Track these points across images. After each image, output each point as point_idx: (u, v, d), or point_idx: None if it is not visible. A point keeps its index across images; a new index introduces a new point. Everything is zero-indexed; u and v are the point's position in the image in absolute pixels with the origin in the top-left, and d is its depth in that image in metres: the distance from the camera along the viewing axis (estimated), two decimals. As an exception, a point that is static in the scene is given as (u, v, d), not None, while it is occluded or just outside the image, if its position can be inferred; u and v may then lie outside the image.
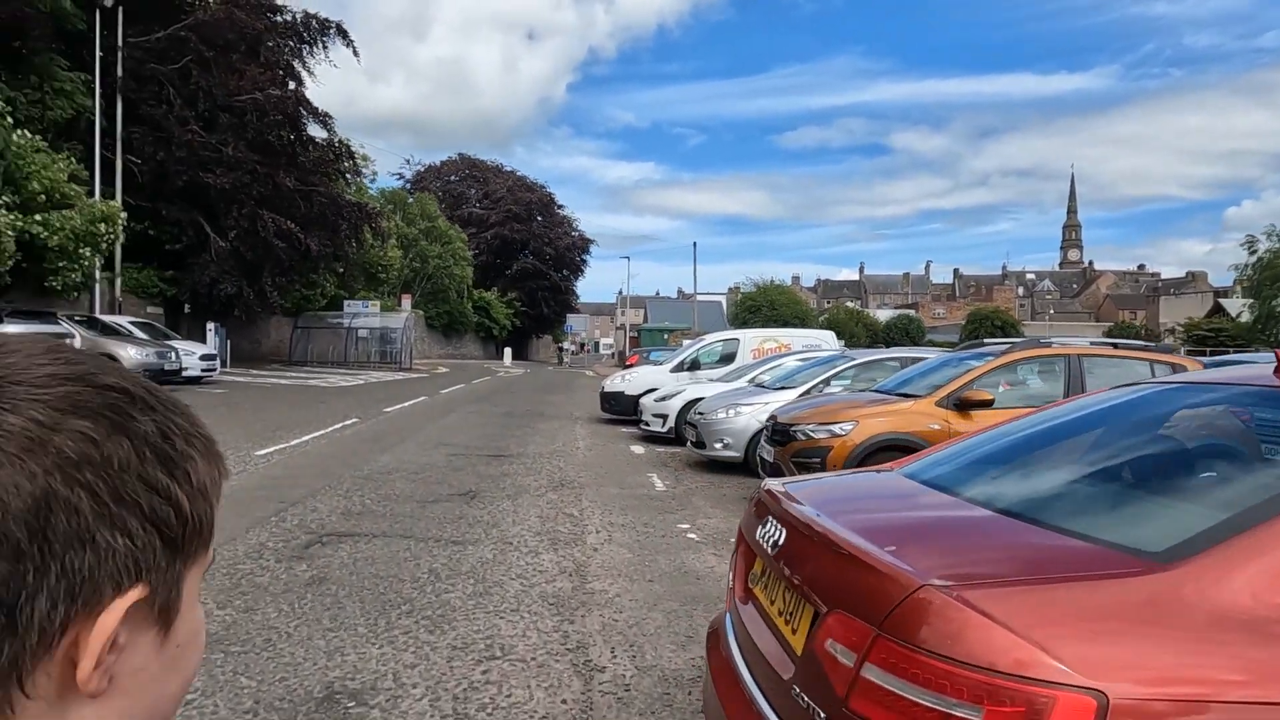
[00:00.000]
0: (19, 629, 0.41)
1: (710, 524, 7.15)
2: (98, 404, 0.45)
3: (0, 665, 0.41)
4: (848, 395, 8.55)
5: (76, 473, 0.43)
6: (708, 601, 4.93)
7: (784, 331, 16.92)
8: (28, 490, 0.41)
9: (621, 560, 5.85)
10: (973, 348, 8.74)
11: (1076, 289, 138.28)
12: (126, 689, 0.46)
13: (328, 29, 30.76)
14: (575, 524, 6.98)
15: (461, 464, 9.94)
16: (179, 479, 0.47)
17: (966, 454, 2.81)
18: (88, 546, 0.43)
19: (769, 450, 7.88)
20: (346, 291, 36.85)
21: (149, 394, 0.49)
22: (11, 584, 0.40)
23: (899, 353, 11.30)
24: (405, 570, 5.38)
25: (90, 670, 0.43)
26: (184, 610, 0.49)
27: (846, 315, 62.84)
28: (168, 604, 0.48)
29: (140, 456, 0.45)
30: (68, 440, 0.43)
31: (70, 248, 20.52)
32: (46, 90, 23.12)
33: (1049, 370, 7.66)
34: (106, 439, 0.44)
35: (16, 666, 0.41)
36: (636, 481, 9.33)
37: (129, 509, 0.45)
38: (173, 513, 0.47)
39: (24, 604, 0.41)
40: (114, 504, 0.44)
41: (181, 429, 0.49)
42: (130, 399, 0.47)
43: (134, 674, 0.46)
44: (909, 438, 7.01)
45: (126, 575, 0.44)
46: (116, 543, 0.44)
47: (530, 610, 4.67)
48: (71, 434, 0.43)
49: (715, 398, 11.14)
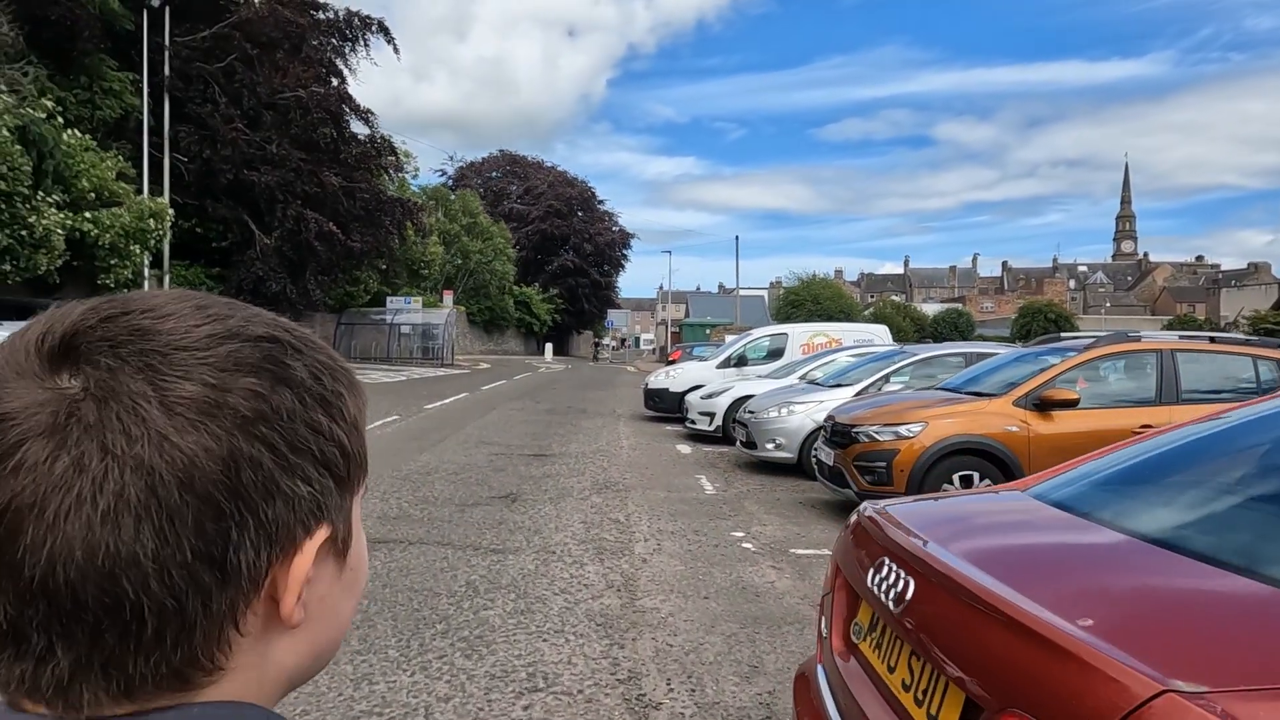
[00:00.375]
0: (230, 578, 0.43)
1: (766, 532, 6.67)
2: (257, 358, 0.46)
3: (219, 612, 0.44)
4: (912, 394, 7.99)
5: (254, 429, 0.44)
6: (770, 623, 4.46)
7: (834, 326, 16.28)
8: (217, 453, 0.42)
9: (673, 573, 5.42)
10: (1048, 342, 8.10)
11: (1131, 281, 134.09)
12: (315, 615, 0.49)
13: (369, 25, 30.81)
14: (622, 531, 6.56)
15: (503, 464, 9.60)
16: (337, 418, 0.49)
17: (1103, 471, 2.31)
18: (276, 497, 0.45)
19: (827, 453, 7.37)
20: (389, 288, 37.01)
21: (293, 336, 0.49)
22: (219, 540, 0.43)
23: (962, 348, 10.66)
24: (442, 583, 5.01)
25: (292, 606, 0.46)
26: (356, 536, 0.52)
27: (893, 309, 61.50)
28: (343, 536, 0.50)
29: (303, 403, 0.47)
30: (240, 399, 0.44)
31: (121, 245, 20.75)
32: (96, 90, 23.44)
33: (1137, 367, 7.01)
34: (272, 391, 0.45)
35: (232, 610, 0.44)
36: (684, 484, 8.88)
37: (304, 456, 0.46)
38: (338, 451, 0.48)
39: (232, 556, 0.43)
40: (291, 454, 0.46)
41: (328, 367, 0.50)
42: (282, 347, 0.48)
43: (319, 601, 0.50)
44: (985, 441, 6.44)
45: (313, 517, 0.47)
46: (300, 490, 0.46)
47: (576, 631, 4.26)
48: (242, 393, 0.44)
49: (766, 395, 10.63)
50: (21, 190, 17.91)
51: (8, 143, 17.56)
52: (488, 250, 50.88)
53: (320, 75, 29.16)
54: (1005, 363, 7.85)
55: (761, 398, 10.55)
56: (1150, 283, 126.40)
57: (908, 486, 6.49)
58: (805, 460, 9.30)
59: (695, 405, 12.85)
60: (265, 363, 0.46)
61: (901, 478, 6.52)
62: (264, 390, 0.45)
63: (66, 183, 19.55)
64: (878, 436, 6.75)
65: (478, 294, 51.03)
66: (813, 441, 9.26)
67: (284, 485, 0.45)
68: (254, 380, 0.45)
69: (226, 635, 0.44)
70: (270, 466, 0.44)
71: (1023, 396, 6.57)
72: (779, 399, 9.99)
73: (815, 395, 9.80)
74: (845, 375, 10.46)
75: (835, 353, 12.88)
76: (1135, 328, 47.20)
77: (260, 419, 0.44)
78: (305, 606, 0.47)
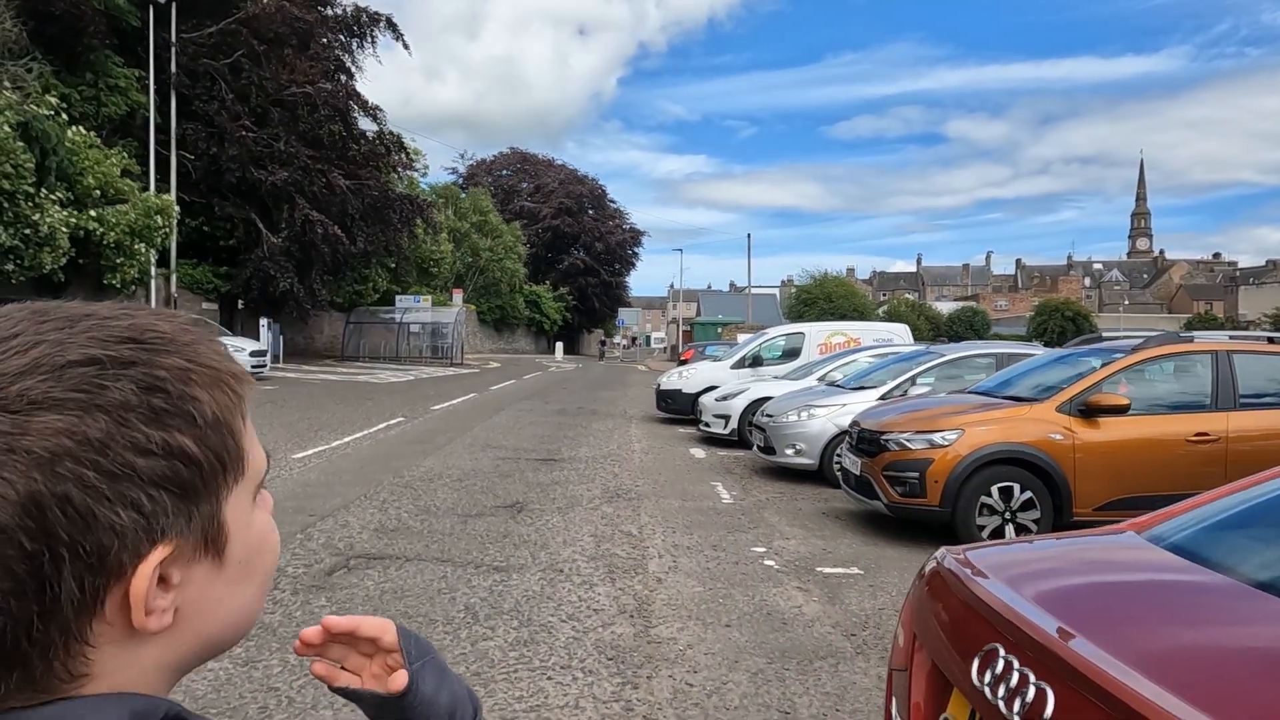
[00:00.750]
0: (54, 609, 0.43)
1: (789, 547, 6.22)
2: (59, 391, 0.44)
3: (50, 638, 0.44)
4: (944, 398, 7.50)
5: (57, 467, 0.43)
6: (801, 658, 4.02)
7: (853, 325, 15.76)
8: (13, 498, 0.42)
9: (690, 595, 4.98)
10: (1089, 342, 7.61)
11: (1147, 279, 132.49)
12: (195, 614, 0.49)
13: (377, 22, 30.50)
14: (634, 545, 6.12)
15: (509, 469, 9.18)
16: (177, 427, 0.47)
17: (1228, 512, 1.85)
18: (93, 529, 0.43)
19: (854, 461, 6.91)
20: (399, 286, 36.67)
21: (129, 348, 0.47)
22: (32, 578, 0.42)
23: (992, 348, 10.15)
24: (439, 607, 4.58)
25: (143, 619, 0.45)
26: (235, 533, 0.50)
27: (907, 308, 60.75)
28: (212, 538, 0.49)
29: (122, 423, 0.45)
30: (35, 440, 0.43)
31: (126, 243, 20.46)
32: (101, 87, 23.18)
33: (1188, 369, 6.52)
34: (79, 422, 0.44)
35: (66, 633, 0.44)
36: (699, 492, 8.44)
37: (124, 481, 0.44)
38: (179, 464, 0.46)
39: (50, 590, 0.43)
40: (106, 482, 0.44)
41: (174, 370, 0.47)
42: (101, 367, 0.45)
43: (197, 602, 0.49)
44: (1027, 450, 5.97)
45: (145, 540, 0.45)
46: (120, 517, 0.44)
47: (584, 667, 3.82)
48: (39, 432, 0.43)
49: (785, 398, 10.17)
50: (24, 188, 17.62)
51: (10, 139, 17.27)
52: (498, 248, 50.51)
53: (328, 71, 28.85)
54: (1042, 365, 7.36)
55: (780, 400, 10.09)
56: (1166, 280, 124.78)
57: (943, 499, 6.03)
58: (827, 467, 8.85)
59: (709, 407, 12.39)
60: (72, 392, 0.44)
61: (936, 490, 6.05)
62: (64, 425, 0.43)
63: (70, 180, 19.25)
64: (909, 444, 6.28)
65: (488, 293, 50.68)
66: (835, 447, 8.81)
67: (101, 516, 0.44)
68: (53, 416, 0.43)
69: (73, 651, 0.45)
70: (80, 500, 0.43)
71: (1067, 401, 6.08)
72: (799, 402, 9.53)
73: (837, 398, 9.32)
74: (868, 377, 9.98)
75: (855, 353, 12.39)
76: (1153, 326, 46.13)
77: (64, 455, 0.43)
78: (177, 609, 0.47)
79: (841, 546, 6.27)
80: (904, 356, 10.43)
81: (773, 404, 10.03)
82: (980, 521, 6.01)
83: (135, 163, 22.01)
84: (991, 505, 6.01)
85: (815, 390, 10.31)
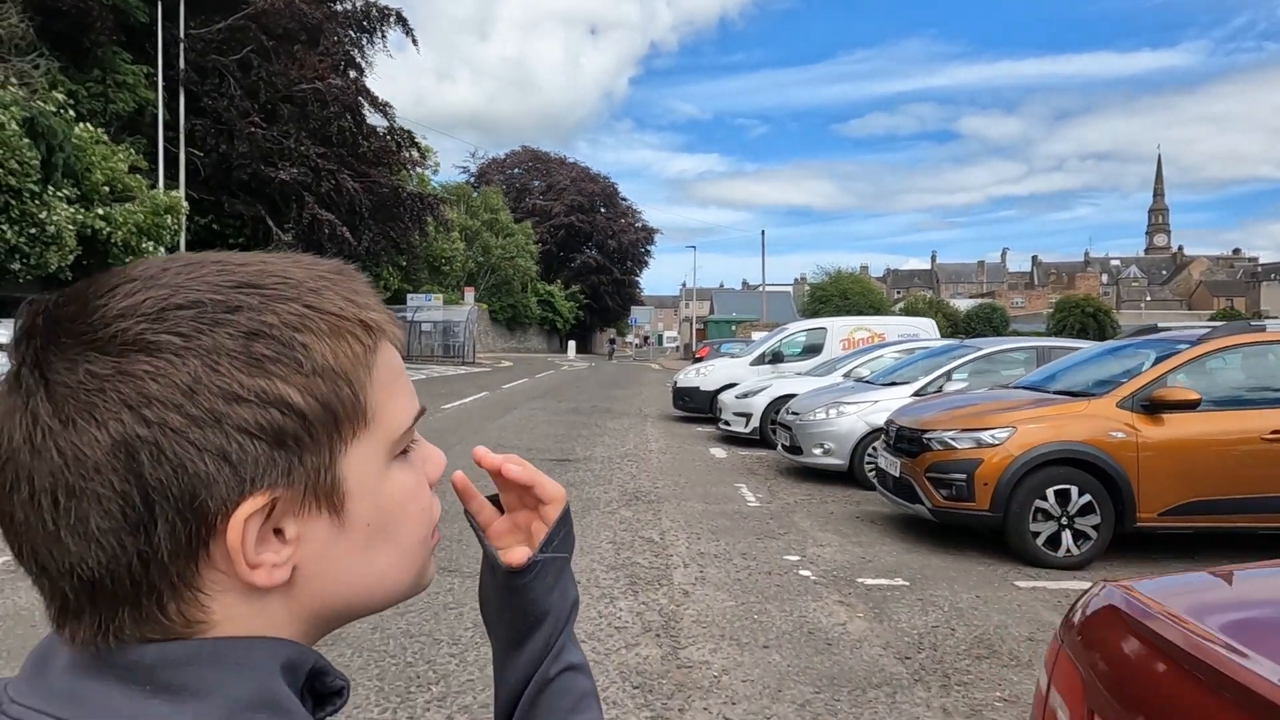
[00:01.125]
0: (155, 553, 0.43)
1: (825, 555, 5.74)
2: (153, 334, 0.43)
3: (158, 581, 0.43)
4: (985, 393, 7.00)
5: (143, 410, 0.42)
6: (852, 686, 3.55)
7: (877, 320, 15.22)
8: (104, 438, 0.42)
9: (722, 611, 4.51)
10: (1144, 333, 7.09)
11: (1166, 275, 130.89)
12: (317, 573, 0.47)
13: (387, 17, 30.20)
14: (657, 553, 5.67)
15: (521, 471, 8.74)
16: (279, 374, 0.45)
17: None
18: (179, 473, 0.43)
19: (891, 461, 6.42)
20: (410, 285, 36.38)
21: (243, 292, 0.45)
22: (126, 519, 0.42)
23: (1031, 342, 9.62)
24: (444, 625, 4.14)
25: (246, 571, 0.44)
26: (359, 492, 0.48)
27: (925, 305, 59.97)
28: (325, 493, 0.47)
29: (213, 368, 0.43)
30: (125, 382, 0.42)
31: (134, 242, 20.18)
32: (109, 83, 22.94)
33: (1259, 361, 5.99)
34: (169, 366, 0.43)
35: (171, 578, 0.44)
36: (723, 494, 7.97)
37: (209, 427, 0.43)
38: (277, 412, 0.44)
39: (146, 533, 0.43)
40: (193, 427, 0.43)
41: (286, 316, 0.46)
42: (201, 310, 0.44)
43: (318, 560, 0.47)
44: (1086, 449, 5.46)
45: (231, 491, 0.44)
46: (207, 465, 0.43)
47: (607, 698, 3.37)
48: (127, 374, 0.42)
49: (811, 395, 9.67)
50: (30, 186, 17.35)
51: (15, 136, 17.00)
52: (510, 247, 50.16)
53: (338, 67, 28.56)
54: (1094, 357, 6.85)
55: (806, 397, 9.60)
56: (1186, 277, 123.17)
57: (993, 503, 5.53)
58: (858, 467, 8.36)
59: (730, 405, 11.91)
60: (167, 335, 0.43)
61: (985, 493, 5.56)
62: (153, 368, 0.42)
63: (78, 176, 18.97)
64: (954, 444, 5.79)
65: (500, 291, 50.35)
66: (866, 446, 8.33)
67: (188, 462, 0.43)
68: (144, 359, 0.43)
69: (184, 596, 0.44)
70: (168, 445, 0.42)
71: (1129, 396, 5.57)
72: (827, 399, 9.04)
73: (868, 395, 8.83)
74: (897, 372, 9.48)
75: (880, 348, 11.87)
76: (1179, 321, 45.27)
77: (152, 399, 0.42)
78: (296, 565, 0.46)
79: (882, 554, 5.79)
80: (935, 351, 9.91)
81: (798, 401, 9.54)
82: (1034, 528, 5.51)
83: (143, 159, 21.76)
84: (1047, 510, 5.51)
85: (843, 387, 9.82)
